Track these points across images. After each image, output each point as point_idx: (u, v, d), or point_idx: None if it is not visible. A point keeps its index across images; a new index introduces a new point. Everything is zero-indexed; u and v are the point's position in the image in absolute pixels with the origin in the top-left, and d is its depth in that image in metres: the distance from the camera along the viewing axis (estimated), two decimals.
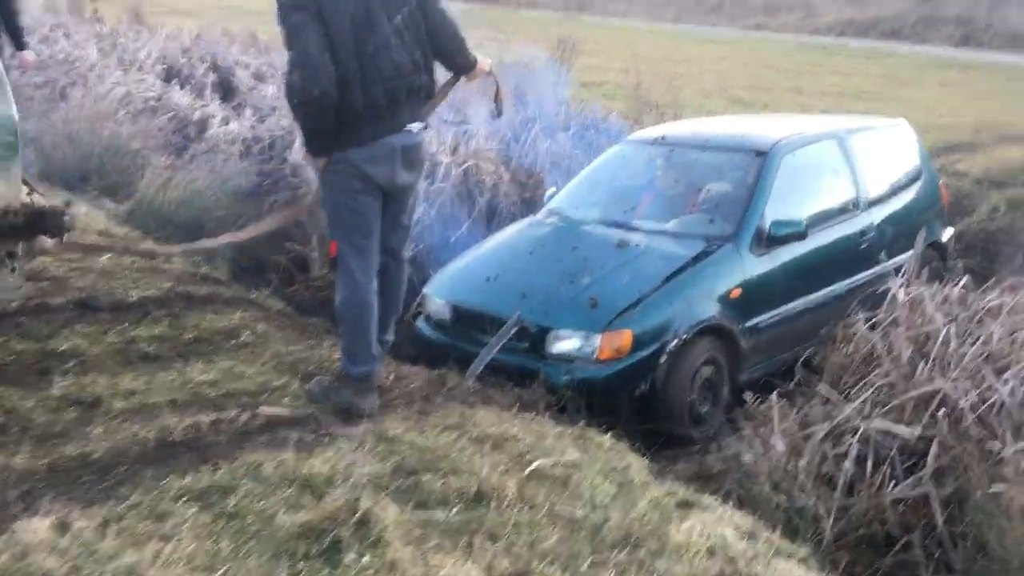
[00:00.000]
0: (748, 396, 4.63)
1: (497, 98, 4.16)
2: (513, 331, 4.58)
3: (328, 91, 3.33)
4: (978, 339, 3.99)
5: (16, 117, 3.13)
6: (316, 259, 6.43)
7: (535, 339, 4.61)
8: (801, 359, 5.15)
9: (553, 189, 6.05)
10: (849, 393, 4.40)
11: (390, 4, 3.53)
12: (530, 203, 6.95)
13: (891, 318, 4.57)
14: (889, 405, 3.93)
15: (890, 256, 5.81)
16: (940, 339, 4.01)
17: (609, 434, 3.82)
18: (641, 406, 4.61)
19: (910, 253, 5.85)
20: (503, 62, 10.80)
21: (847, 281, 5.50)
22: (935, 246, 6.27)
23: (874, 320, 4.95)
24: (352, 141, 3.50)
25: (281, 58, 11.32)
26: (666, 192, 5.49)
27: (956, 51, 24.35)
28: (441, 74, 3.87)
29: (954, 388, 3.79)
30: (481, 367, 4.45)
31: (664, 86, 11.77)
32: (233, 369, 3.83)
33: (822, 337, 5.28)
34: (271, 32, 14.27)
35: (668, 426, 4.60)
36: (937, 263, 6.32)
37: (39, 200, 3.38)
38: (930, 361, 4.00)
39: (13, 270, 3.19)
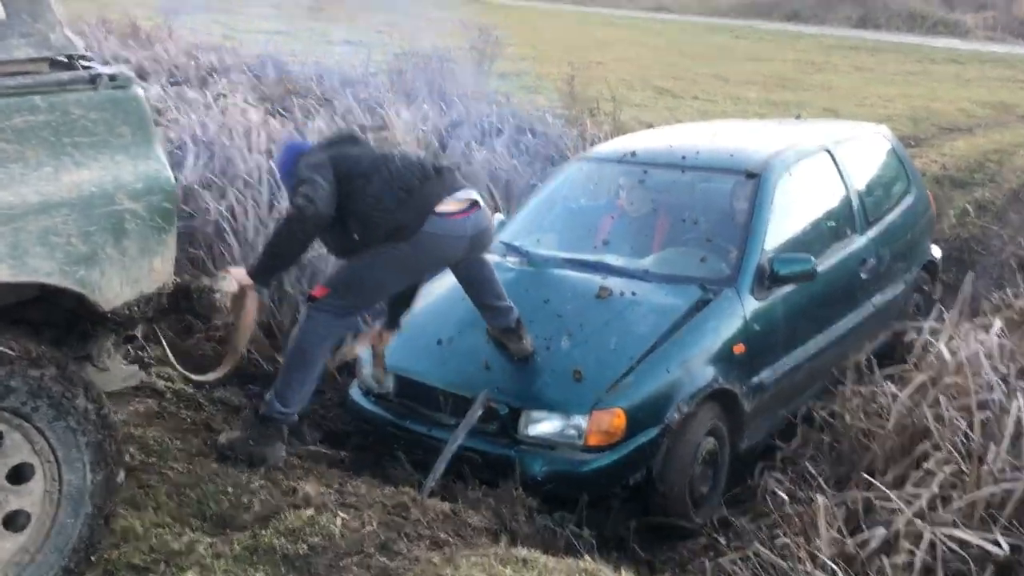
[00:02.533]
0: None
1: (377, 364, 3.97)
2: (478, 415, 3.65)
3: (322, 214, 3.34)
4: None
5: (174, 180, 2.46)
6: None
7: (506, 419, 3.70)
8: (801, 413, 4.44)
9: (501, 216, 5.11)
10: (883, 472, 3.67)
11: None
12: None
13: (922, 376, 3.83)
14: (956, 504, 3.17)
15: (889, 283, 5.11)
16: (1012, 416, 3.26)
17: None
18: (634, 495, 3.78)
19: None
20: (416, 53, 9.82)
21: (849, 318, 4.77)
22: (927, 266, 5.61)
23: (896, 374, 4.24)
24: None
25: (168, 52, 10.10)
26: (642, 221, 4.62)
27: (855, 32, 24.37)
28: None
29: None
30: (440, 473, 3.51)
31: (587, 78, 10.97)
32: None
33: (823, 386, 4.57)
34: (155, 20, 12.92)
35: (666, 516, 3.78)
36: (929, 286, 5.67)
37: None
38: (1001, 443, 3.24)
39: (128, 356, 2.60)
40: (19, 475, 2.32)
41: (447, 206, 3.53)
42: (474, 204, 3.65)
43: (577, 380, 3.68)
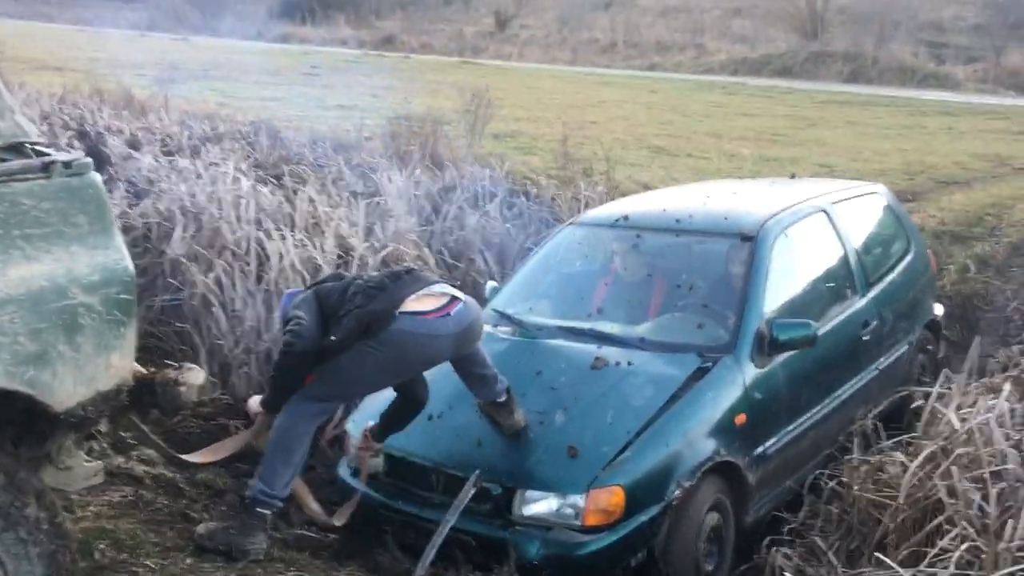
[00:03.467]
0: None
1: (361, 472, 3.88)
2: (470, 496, 3.50)
3: (308, 347, 3.39)
4: None
5: (133, 270, 2.32)
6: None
7: (499, 500, 3.54)
8: (807, 483, 4.27)
9: (493, 283, 5.00)
10: (896, 546, 3.51)
11: None
12: (464, 292, 5.88)
13: (933, 445, 3.68)
14: None
15: (893, 346, 4.98)
16: None
17: None
18: None
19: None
20: (410, 117, 9.82)
21: (853, 382, 4.63)
22: (930, 325, 5.49)
23: (903, 441, 4.09)
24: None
25: (163, 121, 10.10)
26: (637, 287, 4.50)
27: (846, 86, 24.62)
28: None
29: None
30: (431, 558, 3.35)
31: (581, 137, 10.97)
32: None
33: (830, 454, 4.42)
34: (148, 89, 12.98)
35: None
36: (933, 346, 5.54)
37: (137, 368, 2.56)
38: (1019, 518, 3.09)
39: (90, 452, 2.49)
40: None
41: (421, 304, 3.47)
42: (453, 299, 3.56)
43: (573, 457, 3.53)
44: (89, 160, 2.32)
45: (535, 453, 3.60)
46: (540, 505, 3.51)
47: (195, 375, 2.68)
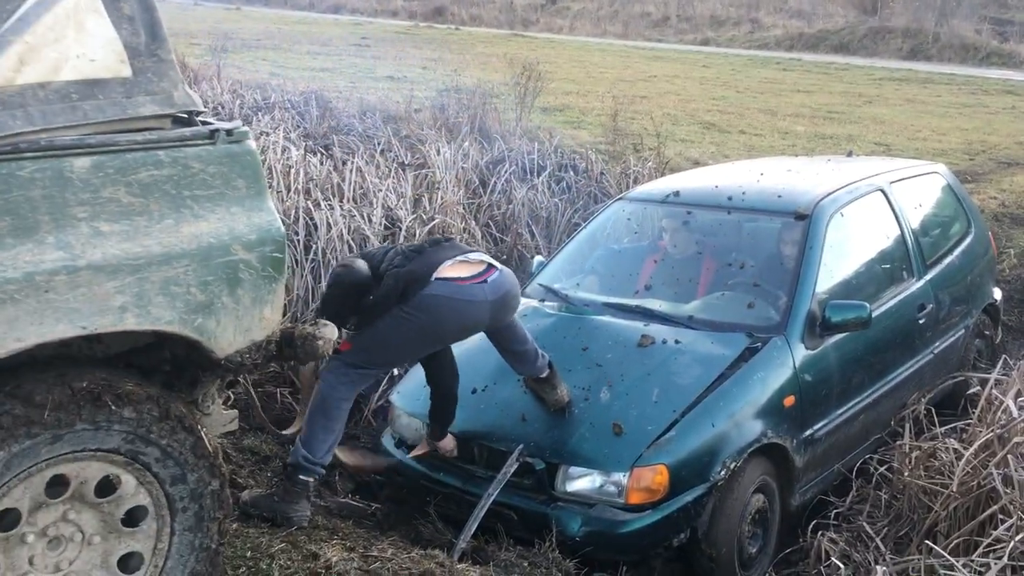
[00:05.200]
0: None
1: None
2: (513, 470, 3.48)
3: (356, 277, 3.45)
4: None
5: (284, 230, 2.55)
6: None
7: (542, 475, 3.52)
8: (855, 467, 4.20)
9: (540, 257, 4.96)
10: (947, 535, 3.43)
11: None
12: (507, 265, 5.85)
13: (989, 433, 3.58)
14: None
15: (950, 329, 4.86)
16: None
17: None
18: (678, 556, 3.57)
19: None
20: (459, 89, 9.76)
21: (905, 366, 4.53)
22: (988, 309, 5.34)
23: (957, 427, 3.99)
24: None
25: (215, 90, 10.18)
26: (686, 265, 4.43)
27: (905, 63, 23.99)
28: None
29: None
30: (472, 531, 3.35)
31: (631, 112, 10.82)
32: None
33: (880, 439, 4.33)
34: (201, 58, 13.07)
35: None
36: (990, 330, 5.39)
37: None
38: None
39: (227, 401, 2.72)
40: (133, 518, 2.39)
41: (458, 270, 3.45)
42: (490, 267, 3.53)
43: (617, 434, 3.50)
44: (247, 129, 2.47)
45: (579, 429, 3.57)
46: (583, 481, 3.49)
47: (330, 330, 2.80)
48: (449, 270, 3.43)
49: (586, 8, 35.72)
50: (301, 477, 3.35)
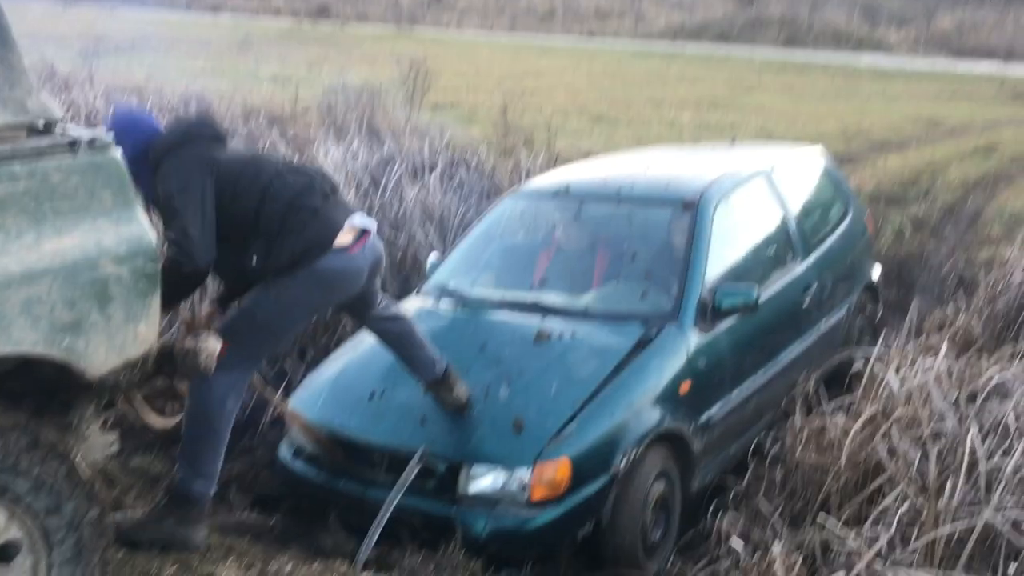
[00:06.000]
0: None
1: None
2: (415, 473, 3.44)
3: (201, 269, 3.05)
4: (1013, 450, 3.15)
5: (156, 242, 2.46)
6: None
7: (445, 477, 3.49)
8: (751, 447, 4.30)
9: (435, 255, 4.92)
10: (839, 507, 3.55)
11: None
12: (401, 267, 5.80)
13: (873, 408, 3.72)
14: (915, 544, 3.03)
15: (832, 308, 5.03)
16: (967, 447, 3.15)
17: None
18: (583, 548, 3.59)
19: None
20: (346, 88, 9.62)
21: (795, 346, 4.66)
22: (868, 287, 5.55)
23: (844, 403, 4.13)
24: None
25: (87, 96, 9.74)
26: (577, 257, 4.46)
27: (783, 51, 24.82)
28: None
29: (1003, 519, 2.94)
30: (375, 539, 3.29)
31: (521, 107, 10.86)
32: None
33: (771, 419, 4.46)
34: (74, 63, 12.50)
35: (618, 568, 3.59)
36: (871, 306, 5.61)
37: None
38: (958, 476, 3.13)
39: (106, 423, 2.58)
40: (5, 554, 2.29)
41: (343, 237, 3.24)
42: (364, 232, 3.36)
43: (518, 431, 3.49)
44: (110, 138, 2.35)
45: (480, 428, 3.55)
46: (486, 480, 3.46)
47: (212, 343, 2.72)
48: (341, 237, 3.25)
49: (473, 3, 35.70)
50: (194, 497, 3.16)
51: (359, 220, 3.36)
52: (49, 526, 2.28)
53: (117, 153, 2.37)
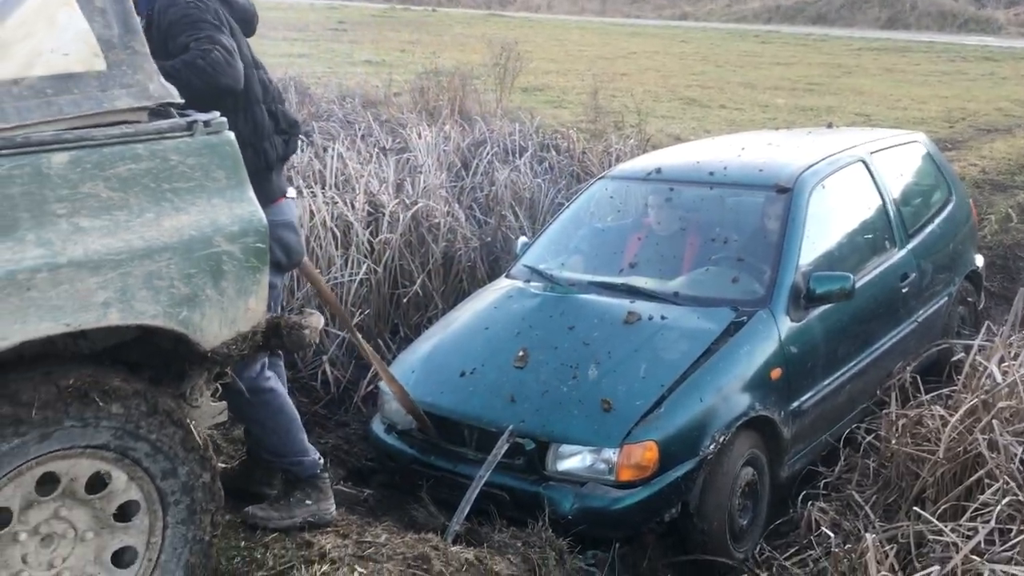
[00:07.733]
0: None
1: None
2: (503, 451, 3.50)
3: (234, 89, 2.93)
4: None
5: (266, 220, 2.54)
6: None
7: (533, 455, 3.54)
8: (843, 437, 4.23)
9: (524, 238, 4.97)
10: (935, 501, 3.47)
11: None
12: (491, 247, 5.87)
13: (974, 399, 3.62)
14: (1015, 540, 2.95)
15: (933, 297, 4.90)
16: None
17: None
18: (670, 531, 3.60)
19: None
20: (439, 72, 9.71)
21: (889, 336, 4.56)
22: (970, 276, 5.38)
23: (943, 394, 4.03)
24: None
25: None
26: (670, 241, 4.45)
27: (884, 33, 24.01)
28: None
29: None
30: (465, 514, 3.36)
31: (611, 90, 10.80)
32: None
33: (867, 408, 4.37)
34: None
35: (705, 553, 3.59)
36: (973, 297, 5.44)
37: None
38: None
39: (216, 393, 2.71)
40: (125, 513, 2.41)
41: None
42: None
43: (606, 411, 3.52)
44: (225, 119, 2.45)
45: (568, 408, 3.58)
46: (574, 460, 3.50)
47: (316, 319, 2.79)
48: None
49: None
50: (307, 475, 3.20)
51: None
52: (165, 488, 2.42)
53: (230, 135, 2.46)
